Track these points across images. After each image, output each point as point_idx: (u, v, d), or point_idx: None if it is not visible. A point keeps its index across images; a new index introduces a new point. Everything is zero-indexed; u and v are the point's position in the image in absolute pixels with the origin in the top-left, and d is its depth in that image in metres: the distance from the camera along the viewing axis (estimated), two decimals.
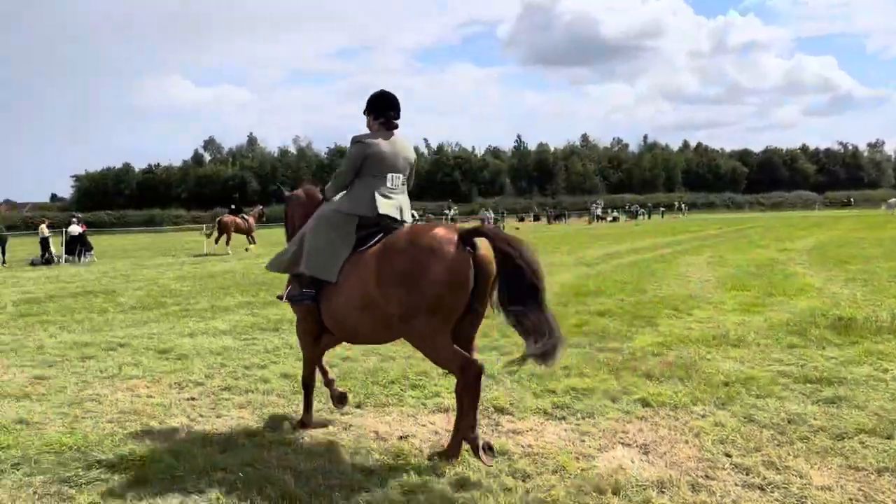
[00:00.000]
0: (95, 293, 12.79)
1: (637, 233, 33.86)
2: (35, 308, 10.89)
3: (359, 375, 6.15)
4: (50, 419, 5.11)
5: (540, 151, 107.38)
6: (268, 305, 10.50)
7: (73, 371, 6.64)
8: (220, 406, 5.42)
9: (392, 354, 6.93)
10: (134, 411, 5.29)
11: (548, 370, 4.61)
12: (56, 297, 12.28)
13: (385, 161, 4.50)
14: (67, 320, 9.63)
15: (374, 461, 4.21)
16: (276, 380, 6.12)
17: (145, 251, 29.34)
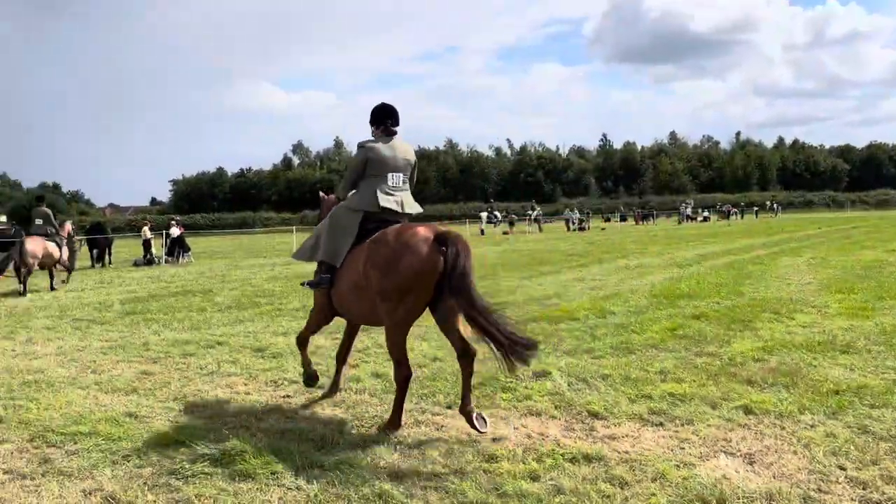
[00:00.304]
0: (194, 293, 13.34)
1: (730, 233, 32.67)
2: (139, 307, 11.45)
3: (448, 376, 6.15)
4: (156, 413, 5.34)
5: (626, 150, 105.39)
6: None
7: (176, 367, 6.93)
8: (314, 404, 5.53)
9: (480, 357, 6.90)
10: (233, 407, 5.46)
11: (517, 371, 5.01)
12: (158, 297, 12.88)
13: (385, 162, 5.13)
14: (169, 318, 10.07)
15: (467, 463, 4.19)
16: (367, 379, 6.20)
17: (238, 252, 30.44)
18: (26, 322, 10.13)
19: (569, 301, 10.43)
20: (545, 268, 16.02)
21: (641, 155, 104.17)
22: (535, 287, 12.29)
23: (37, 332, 9.28)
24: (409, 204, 5.26)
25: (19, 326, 9.75)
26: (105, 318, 10.34)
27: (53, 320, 10.25)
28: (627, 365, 6.33)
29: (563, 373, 6.10)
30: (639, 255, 19.37)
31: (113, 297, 12.97)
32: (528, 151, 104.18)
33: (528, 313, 9.34)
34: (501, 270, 15.63)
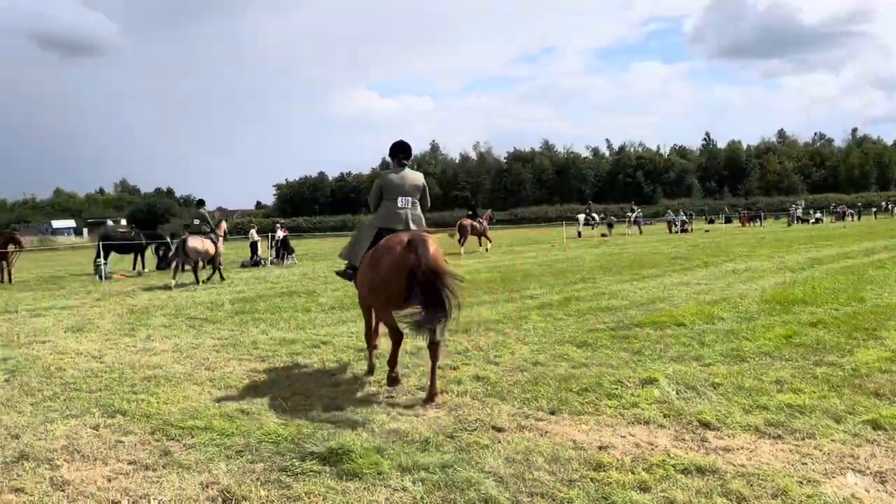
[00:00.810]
0: (298, 293, 13.76)
1: (846, 235, 30.79)
2: (248, 306, 11.90)
3: (550, 381, 6.05)
4: (266, 410, 5.52)
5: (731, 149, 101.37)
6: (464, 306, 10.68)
7: (283, 366, 7.14)
8: (417, 405, 5.56)
9: (584, 361, 6.78)
10: (339, 406, 5.57)
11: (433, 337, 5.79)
12: (265, 297, 13.36)
13: (395, 188, 6.61)
14: (276, 318, 10.42)
15: (573, 471, 4.10)
16: (468, 381, 6.19)
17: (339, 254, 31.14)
18: (146, 320, 10.72)
19: (674, 306, 10.08)
20: (647, 271, 15.58)
21: (747, 154, 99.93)
22: (637, 291, 11.96)
23: (155, 329, 9.81)
24: (415, 220, 6.66)
25: (139, 324, 10.33)
26: (216, 317, 10.81)
27: (170, 318, 10.80)
28: (740, 373, 6.04)
29: (670, 380, 5.89)
30: (746, 258, 18.53)
31: (223, 297, 13.55)
32: (627, 152, 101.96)
33: (629, 318, 9.09)
34: (600, 274, 15.31)
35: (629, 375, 6.10)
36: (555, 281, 14.10)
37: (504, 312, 10.06)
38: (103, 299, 14.18)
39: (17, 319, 11.41)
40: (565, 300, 11.06)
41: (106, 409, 5.70)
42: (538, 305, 10.65)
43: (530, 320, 9.31)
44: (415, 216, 6.68)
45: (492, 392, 5.82)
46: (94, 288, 17.10)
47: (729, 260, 17.99)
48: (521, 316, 9.67)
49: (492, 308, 10.57)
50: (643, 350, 7.15)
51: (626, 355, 6.97)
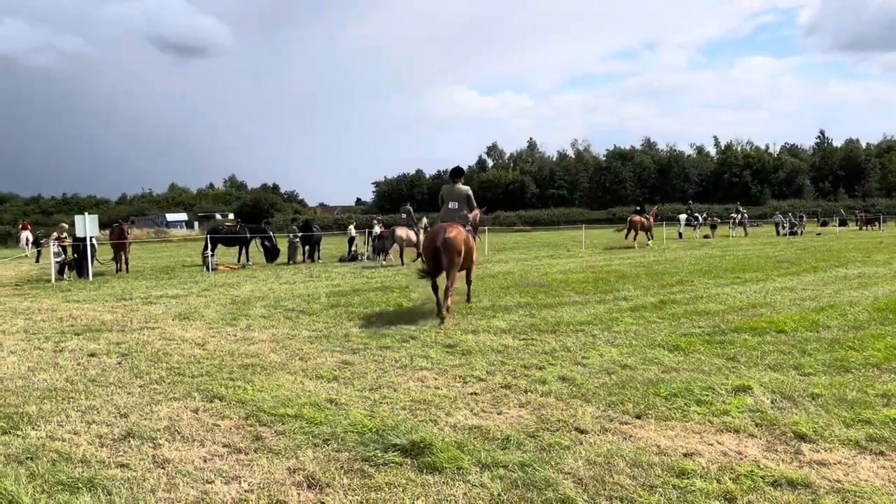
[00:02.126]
0: (392, 288, 14.03)
1: None
2: (342, 300, 12.25)
3: (638, 385, 5.94)
4: (353, 401, 5.68)
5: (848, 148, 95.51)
6: (545, 308, 10.65)
7: (373, 359, 7.33)
8: (500, 403, 5.59)
9: (675, 365, 6.62)
10: (423, 400, 5.67)
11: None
12: (360, 291, 13.70)
13: (447, 196, 10.87)
14: (369, 313, 10.68)
15: (656, 477, 4.02)
16: (553, 382, 6.16)
17: None
18: (246, 311, 11.22)
19: (775, 312, 9.68)
20: (749, 275, 14.97)
21: (866, 153, 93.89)
22: (737, 295, 11.53)
23: (254, 319, 10.26)
24: (459, 218, 10.77)
25: (241, 314, 10.83)
26: (312, 309, 11.19)
27: (269, 309, 11.27)
28: (842, 385, 5.74)
29: (765, 389, 5.66)
30: (861, 263, 17.48)
31: (320, 290, 13.99)
32: (734, 150, 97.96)
33: (727, 323, 8.79)
34: (699, 276, 14.83)
35: (722, 382, 5.91)
36: (651, 283, 13.77)
37: (594, 314, 9.94)
38: (209, 290, 14.93)
39: (131, 306, 12.19)
40: (660, 303, 10.80)
41: (206, 393, 6.02)
42: (631, 308, 10.45)
43: (622, 322, 9.16)
44: (460, 216, 10.89)
45: (576, 393, 5.77)
46: (201, 278, 18.03)
47: (840, 265, 17.05)
48: (612, 318, 9.52)
49: (581, 309, 10.46)
50: (739, 356, 6.91)
51: (720, 361, 6.76)
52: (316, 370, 6.81)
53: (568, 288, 13.15)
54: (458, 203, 10.93)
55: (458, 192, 10.96)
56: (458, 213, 10.84)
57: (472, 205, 11.12)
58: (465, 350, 7.63)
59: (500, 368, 6.76)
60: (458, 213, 10.84)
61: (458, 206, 10.92)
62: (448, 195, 11.03)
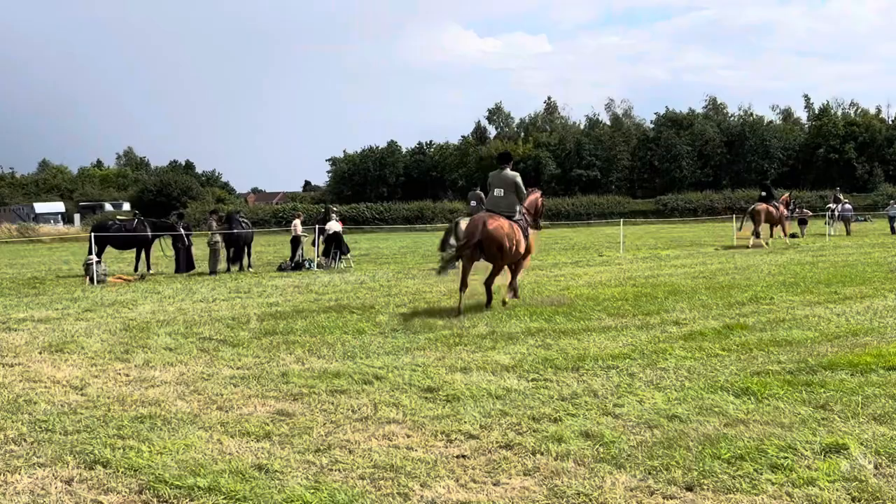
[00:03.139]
0: (351, 308, 14.08)
1: None
2: (281, 325, 12.27)
3: (691, 443, 5.99)
4: (291, 468, 5.69)
5: None
6: (565, 335, 10.71)
7: (321, 408, 7.35)
8: (497, 470, 5.62)
9: (743, 416, 6.68)
10: (390, 466, 5.70)
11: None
12: (305, 312, 13.73)
13: (493, 183, 13.92)
14: (317, 342, 10.71)
15: None
16: (573, 440, 6.19)
17: (412, 255, 31.60)
18: (145, 340, 11.23)
19: (885, 341, 9.78)
20: (851, 289, 15.10)
21: None
22: (833, 318, 11.63)
23: (156, 352, 10.27)
24: (505, 205, 13.73)
25: (136, 345, 10.83)
26: (238, 338, 11.21)
27: (177, 338, 11.28)
28: None
29: (867, 448, 5.74)
30: None
31: (250, 311, 14.01)
32: (832, 115, 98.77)
33: (817, 357, 8.86)
34: (781, 291, 14.94)
35: (807, 439, 5.97)
36: (713, 300, 13.88)
37: (633, 344, 10.00)
38: (93, 310, 14.91)
39: None
40: (725, 329, 10.89)
41: (83, 457, 6.02)
42: (684, 335, 10.53)
43: (671, 356, 9.23)
44: (506, 203, 13.82)
45: (605, 455, 5.81)
46: (82, 295, 18.00)
47: None
48: (658, 349, 9.59)
49: (616, 337, 10.53)
50: (831, 404, 6.97)
51: (805, 410, 6.82)
52: (240, 424, 6.82)
53: (598, 308, 13.22)
54: (504, 190, 13.80)
55: (505, 177, 13.85)
56: (506, 201, 13.81)
57: (520, 192, 13.91)
58: (450, 395, 7.65)
59: (498, 421, 6.78)
60: (506, 201, 13.81)
61: (504, 194, 13.81)
62: (495, 182, 13.98)
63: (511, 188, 13.76)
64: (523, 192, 13.95)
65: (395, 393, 7.83)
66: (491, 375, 8.50)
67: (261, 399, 7.72)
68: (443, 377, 8.43)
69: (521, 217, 13.89)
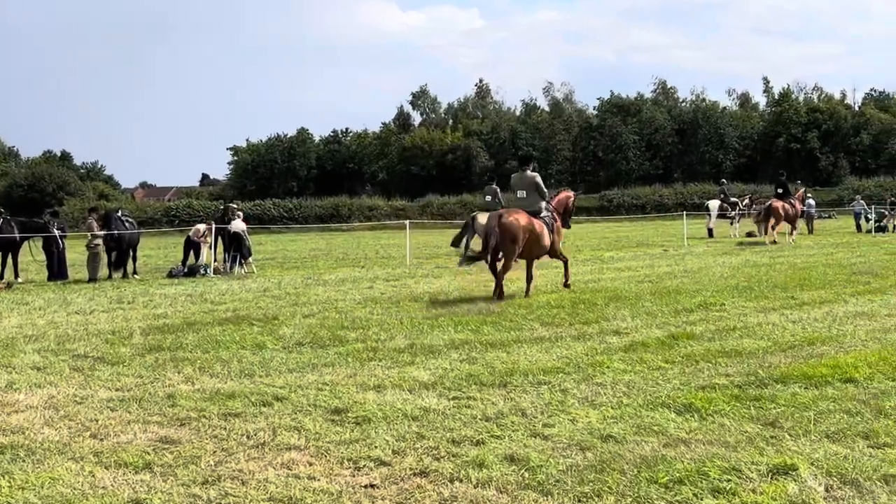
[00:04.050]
0: (251, 320, 13.98)
1: None
2: (169, 339, 12.14)
3: (626, 467, 6.09)
4: (175, 502, 5.65)
5: None
6: (493, 348, 10.79)
7: (212, 434, 7.29)
8: (410, 500, 5.66)
9: (686, 435, 6.81)
10: (289, 499, 5.69)
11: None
12: (198, 325, 13.60)
13: (515, 185, 17.05)
14: (210, 358, 10.62)
15: None
16: (496, 465, 6.25)
17: (324, 259, 31.49)
18: (9, 358, 11.00)
19: (843, 350, 10.07)
20: (809, 294, 15.48)
21: None
22: (788, 326, 11.92)
23: (21, 372, 10.07)
24: (528, 206, 16.45)
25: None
26: (118, 355, 11.05)
27: (46, 356, 11.07)
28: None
29: (817, 469, 5.90)
30: None
31: (133, 324, 13.82)
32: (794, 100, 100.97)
33: (768, 369, 9.08)
34: (734, 296, 15.24)
35: (753, 460, 6.12)
36: (658, 307, 14.12)
37: (568, 357, 10.14)
38: None
39: None
40: (670, 338, 11.10)
41: None
42: (625, 346, 10.70)
43: (609, 370, 9.37)
44: (529, 203, 16.56)
45: (530, 482, 5.88)
46: None
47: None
48: (595, 362, 9.73)
49: (549, 349, 10.66)
50: (782, 420, 7.16)
51: (753, 428, 6.99)
52: (117, 453, 6.74)
53: (530, 316, 13.35)
54: (526, 191, 16.69)
55: (526, 179, 16.71)
56: (528, 201, 16.62)
57: (541, 190, 16.74)
58: (360, 417, 7.66)
59: (414, 445, 6.81)
60: (528, 201, 16.62)
61: (526, 195, 16.69)
62: (517, 184, 16.91)
63: (532, 188, 16.63)
64: (544, 191, 16.82)
65: (298, 415, 7.81)
66: (407, 394, 8.53)
67: (142, 425, 7.63)
68: (353, 397, 8.43)
69: (547, 214, 16.73)
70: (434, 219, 74.51)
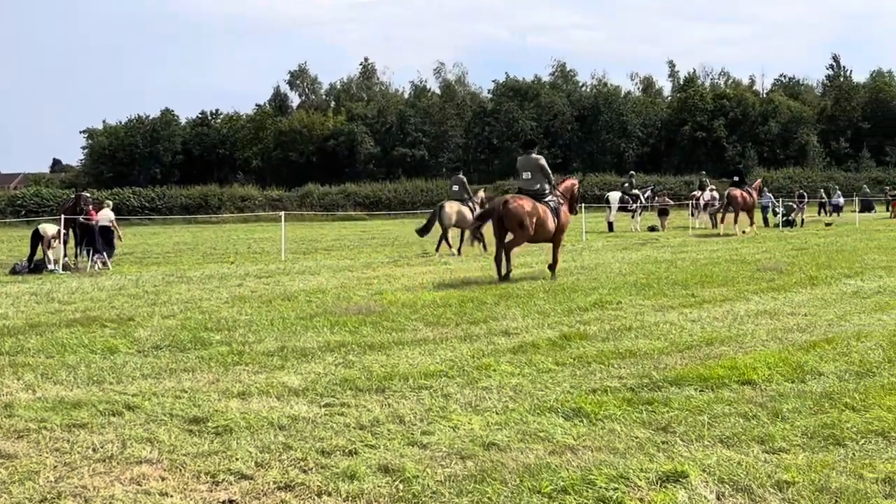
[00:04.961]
0: (103, 321, 13.70)
1: None
2: (9, 343, 11.82)
3: (508, 476, 6.15)
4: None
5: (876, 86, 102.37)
6: (372, 350, 10.79)
7: (53, 447, 7.13)
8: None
9: (573, 442, 6.91)
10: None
11: None
12: (42, 327, 13.27)
13: (521, 168, 19.81)
14: (54, 364, 10.39)
15: None
16: (369, 476, 6.26)
17: (189, 254, 31.09)
18: None
19: (742, 350, 10.32)
20: (710, 291, 15.83)
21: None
22: (687, 325, 12.17)
23: None
24: (530, 188, 19.13)
25: None
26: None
27: None
28: (829, 466, 6.22)
29: (709, 475, 6.05)
30: (884, 272, 18.90)
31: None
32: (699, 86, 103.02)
33: (662, 371, 9.27)
34: (631, 294, 15.51)
35: (643, 467, 6.23)
36: (551, 306, 14.29)
37: (453, 359, 10.20)
38: None
39: None
40: (562, 339, 11.23)
41: None
42: (514, 347, 10.80)
43: (496, 372, 9.45)
44: (534, 185, 19.09)
45: (405, 494, 5.90)
46: None
47: (853, 274, 18.36)
48: (482, 365, 9.80)
49: (433, 351, 10.70)
50: (674, 425, 7.31)
51: (644, 433, 7.12)
52: None
53: (414, 316, 13.37)
54: (531, 173, 19.26)
55: (531, 162, 19.32)
56: (534, 183, 19.20)
57: (546, 174, 19.33)
58: (221, 427, 7.59)
59: (279, 457, 6.78)
60: (534, 183, 19.20)
61: (531, 177, 19.26)
62: (522, 166, 19.58)
63: (537, 171, 19.18)
64: (549, 173, 19.46)
65: (151, 426, 7.70)
66: (275, 401, 8.47)
67: None
68: (214, 405, 8.34)
69: (552, 198, 19.22)
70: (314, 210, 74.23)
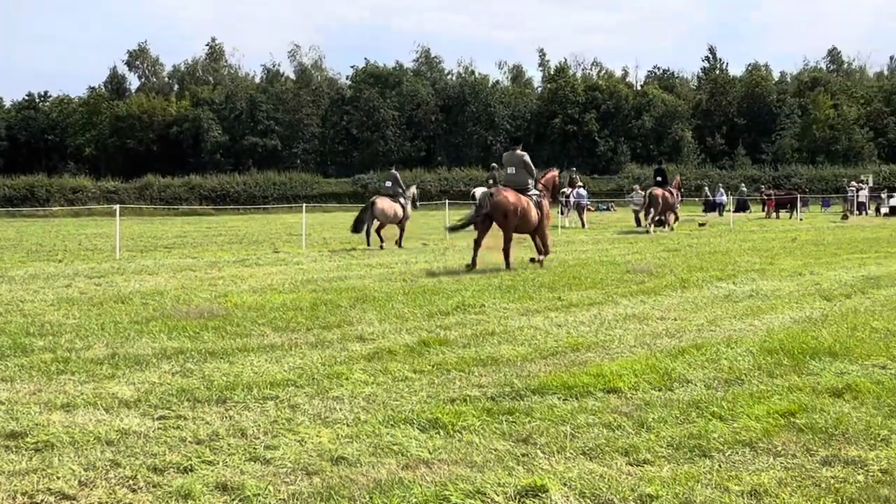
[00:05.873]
0: None
1: None
2: None
3: (357, 493, 6.15)
4: None
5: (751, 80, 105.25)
6: (214, 357, 10.66)
7: None
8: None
9: (428, 455, 6.94)
10: None
11: None
12: None
13: (506, 163, 23.10)
14: None
15: None
16: (205, 495, 6.19)
17: (12, 252, 30.29)
18: None
19: (609, 356, 10.50)
20: (578, 294, 16.04)
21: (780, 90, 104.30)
22: (552, 330, 12.31)
23: None
24: (515, 182, 22.04)
25: None
26: None
27: None
28: (693, 478, 6.37)
29: (570, 490, 6.14)
30: (757, 274, 19.44)
31: None
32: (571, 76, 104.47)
33: (525, 379, 9.38)
34: (495, 297, 15.63)
35: (500, 481, 6.28)
36: (410, 310, 14.31)
37: (302, 367, 10.15)
38: None
39: None
40: (421, 345, 11.25)
41: None
42: (369, 354, 10.80)
43: (348, 381, 9.42)
44: (519, 179, 21.98)
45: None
46: None
47: (725, 277, 18.83)
48: (333, 373, 9.76)
49: (281, 357, 10.63)
50: (535, 436, 7.38)
51: (503, 445, 7.18)
52: None
53: (262, 320, 13.26)
54: (515, 168, 22.05)
55: (516, 157, 22.08)
56: (518, 178, 21.90)
57: (529, 169, 22.03)
58: (42, 442, 7.40)
59: (106, 475, 6.65)
60: (518, 178, 21.90)
61: (515, 171, 22.03)
62: (508, 161, 22.47)
63: (521, 166, 22.01)
64: (532, 169, 22.27)
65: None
66: (103, 413, 8.29)
67: None
68: (34, 418, 8.12)
69: (534, 192, 21.95)
70: (154, 204, 73.09)
